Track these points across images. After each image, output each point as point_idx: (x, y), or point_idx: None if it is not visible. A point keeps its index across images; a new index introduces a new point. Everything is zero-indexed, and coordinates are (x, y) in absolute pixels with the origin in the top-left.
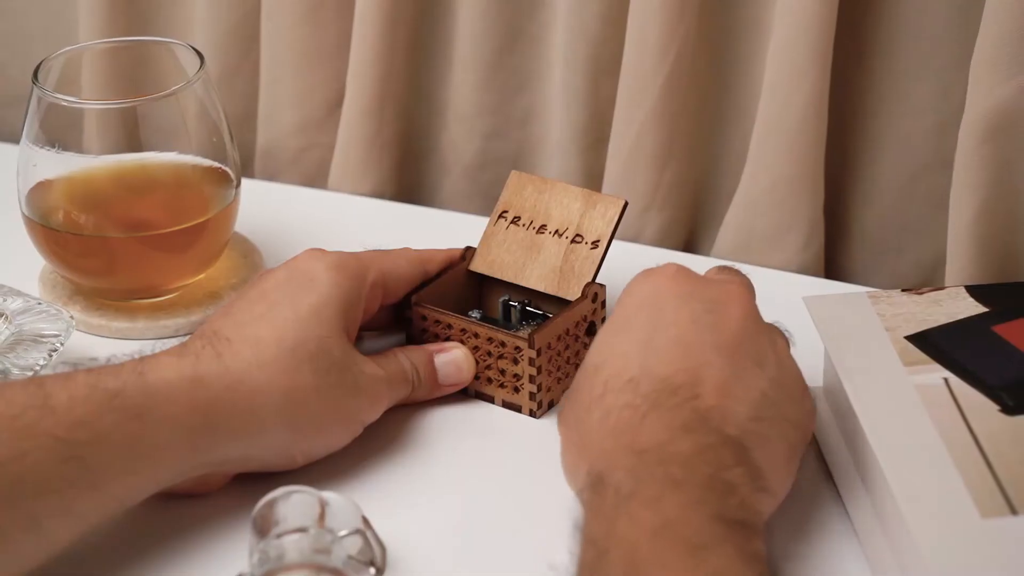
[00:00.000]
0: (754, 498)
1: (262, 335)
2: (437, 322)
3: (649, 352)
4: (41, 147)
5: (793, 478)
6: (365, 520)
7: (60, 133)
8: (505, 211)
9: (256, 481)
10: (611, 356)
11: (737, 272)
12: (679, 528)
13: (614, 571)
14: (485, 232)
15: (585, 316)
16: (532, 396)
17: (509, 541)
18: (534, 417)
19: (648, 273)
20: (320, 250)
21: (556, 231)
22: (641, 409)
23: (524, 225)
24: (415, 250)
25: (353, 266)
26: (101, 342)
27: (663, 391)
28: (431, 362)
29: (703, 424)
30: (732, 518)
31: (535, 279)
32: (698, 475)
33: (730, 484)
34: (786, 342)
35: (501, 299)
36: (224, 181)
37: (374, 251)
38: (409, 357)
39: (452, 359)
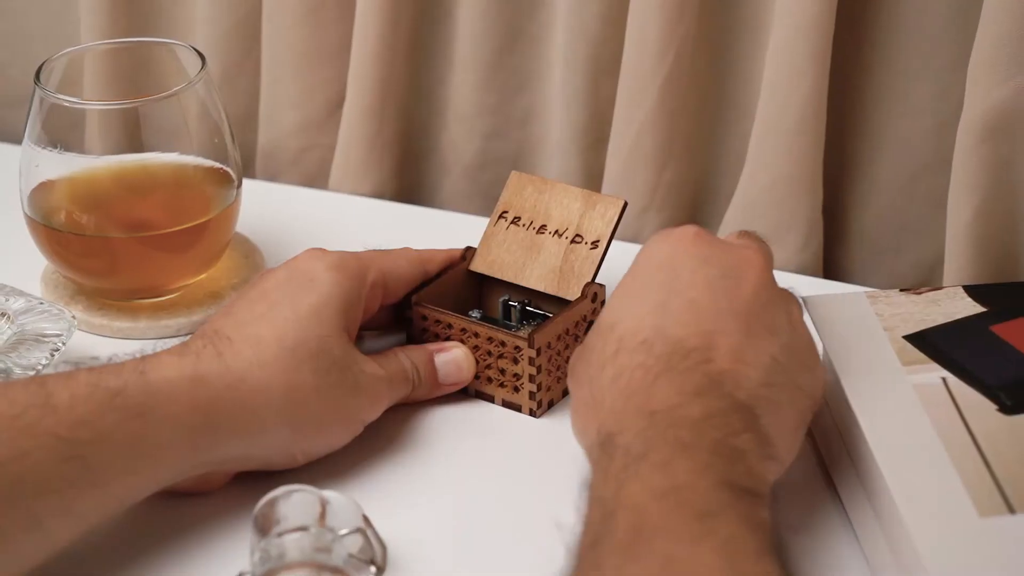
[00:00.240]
0: (761, 465)
1: (263, 334)
2: (437, 322)
3: (664, 314)
4: (43, 148)
5: (800, 445)
6: (366, 519)
7: (62, 134)
8: (505, 211)
9: (257, 480)
10: (626, 316)
11: (757, 238)
12: (686, 493)
13: (620, 534)
14: (485, 232)
15: (585, 316)
16: (532, 395)
17: (508, 539)
18: (534, 416)
19: (667, 234)
20: (320, 250)
21: (556, 231)
22: (654, 370)
23: (524, 225)
24: (415, 250)
25: (353, 266)
26: (103, 342)
27: (676, 353)
28: (431, 361)
29: (715, 388)
30: (739, 485)
31: (535, 279)
32: (706, 440)
33: (738, 450)
34: (800, 309)
35: (501, 299)
36: (225, 181)
37: (374, 251)
38: (409, 356)
39: (452, 358)
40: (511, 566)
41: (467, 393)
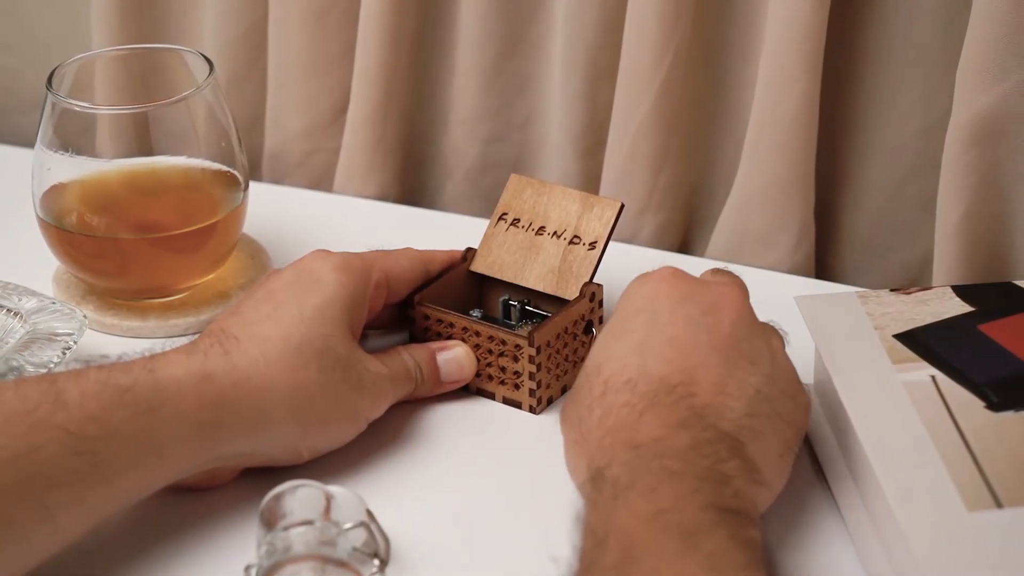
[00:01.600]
0: (750, 489)
1: (269, 333)
2: (439, 321)
3: (646, 353)
4: (55, 151)
5: (788, 472)
6: (369, 513)
7: (73, 138)
8: (505, 213)
9: (263, 475)
10: (610, 357)
11: (731, 274)
12: (673, 516)
13: (610, 557)
14: (486, 233)
15: (583, 315)
16: (532, 393)
17: (509, 533)
18: (534, 413)
19: (645, 277)
20: (325, 251)
21: (555, 232)
22: (639, 407)
23: (524, 227)
24: (417, 251)
25: (357, 266)
26: (113, 340)
27: (660, 390)
28: (433, 360)
29: (699, 420)
30: (726, 506)
31: (534, 279)
32: (694, 467)
33: (725, 475)
34: (781, 340)
35: (501, 299)
36: (233, 184)
37: (377, 252)
38: (412, 355)
39: (454, 357)
40: (511, 558)
41: (468, 390)
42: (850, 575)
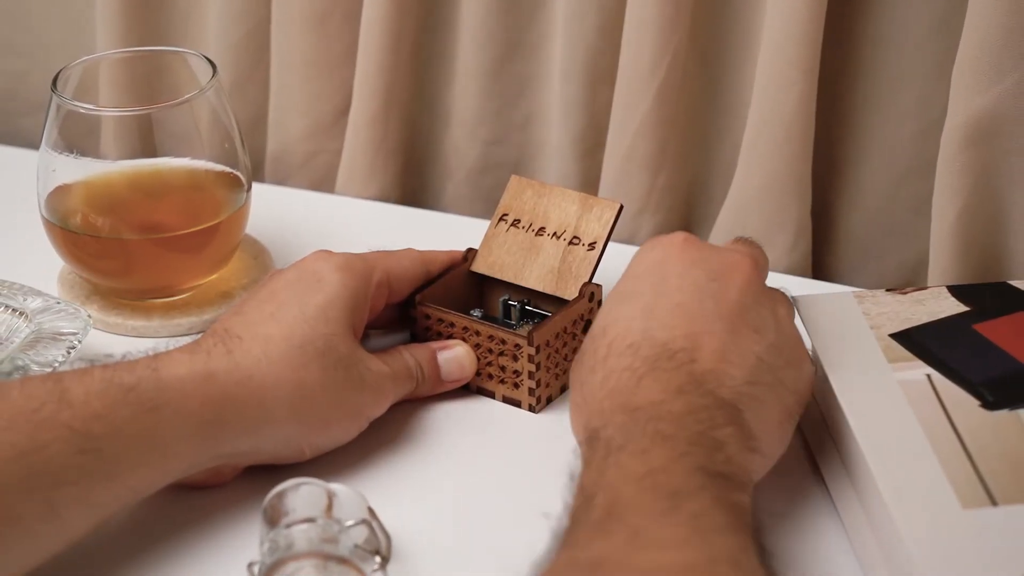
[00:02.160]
0: (743, 456)
1: (271, 333)
2: (440, 320)
3: (651, 318)
4: (60, 153)
5: (787, 441)
6: (371, 511)
7: (78, 139)
8: (505, 214)
9: (265, 473)
10: (616, 321)
11: (750, 243)
12: (660, 476)
13: (596, 513)
14: (486, 234)
15: (582, 315)
16: (531, 392)
17: (508, 529)
18: (533, 412)
19: (656, 241)
20: (327, 252)
21: (554, 233)
22: (639, 371)
23: (524, 227)
24: (418, 251)
25: (359, 267)
26: (117, 340)
27: (661, 355)
28: (434, 359)
29: (698, 387)
30: (716, 471)
31: (534, 279)
32: (687, 431)
33: (718, 441)
34: (789, 309)
35: (501, 299)
36: (236, 185)
37: (379, 252)
38: (413, 354)
39: (454, 356)
40: (511, 555)
41: (468, 389)
42: (846, 572)
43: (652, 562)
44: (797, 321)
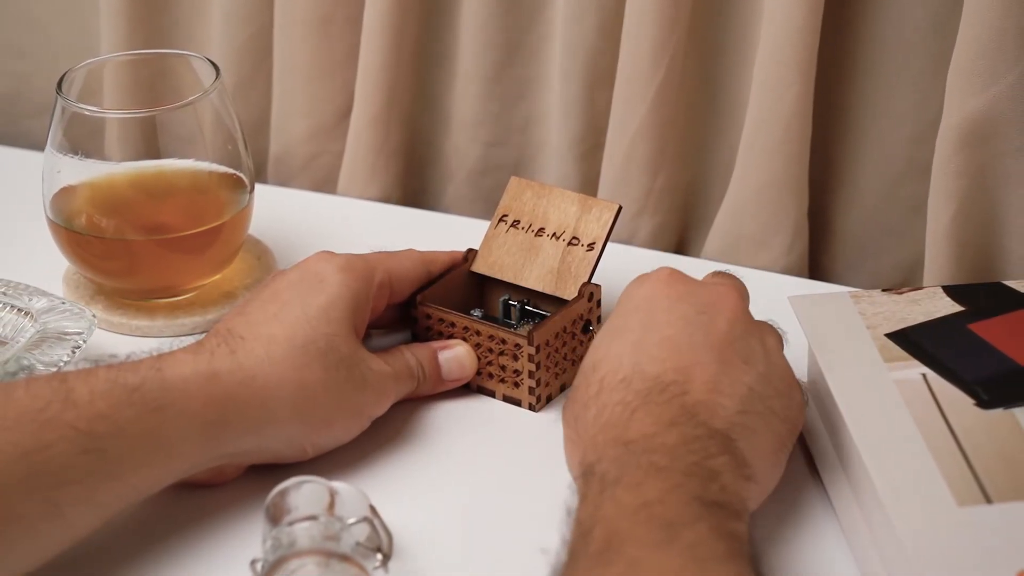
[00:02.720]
0: (738, 485)
1: (274, 333)
2: (441, 320)
3: (641, 352)
4: (65, 154)
5: (782, 469)
6: (372, 508)
7: (83, 141)
8: (505, 215)
9: (268, 472)
10: (607, 356)
11: (731, 276)
12: (657, 508)
13: (594, 546)
14: (486, 235)
15: (581, 315)
16: (531, 391)
17: (508, 527)
18: (533, 411)
19: (643, 278)
20: (329, 253)
21: (554, 234)
22: (632, 405)
23: (523, 228)
24: (419, 252)
25: (361, 267)
26: (122, 339)
27: (653, 388)
28: (435, 358)
29: (690, 418)
30: (712, 500)
31: (534, 279)
32: (681, 463)
33: (713, 471)
34: (777, 340)
35: (501, 299)
36: (239, 186)
37: (380, 253)
38: (414, 354)
39: (455, 356)
40: (511, 552)
41: (469, 389)
42: (843, 569)
43: None
44: (795, 321)
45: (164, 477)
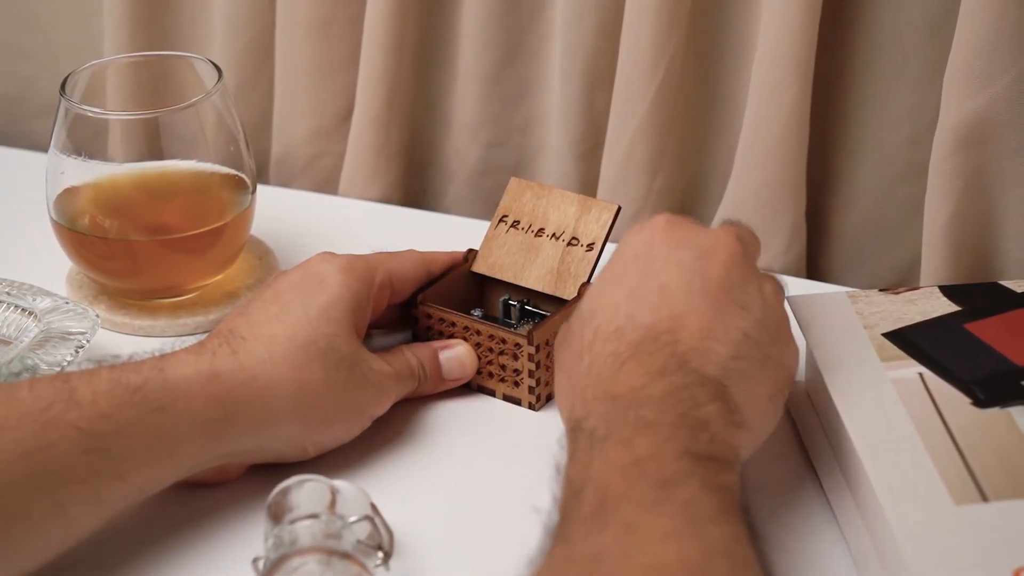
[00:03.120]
0: (728, 433)
1: (275, 333)
2: (441, 320)
3: (636, 301)
4: (68, 155)
5: (777, 417)
6: (373, 507)
7: (86, 142)
8: (505, 215)
9: (270, 471)
10: (602, 305)
11: (737, 223)
12: (647, 465)
13: (586, 507)
14: (486, 235)
15: None
16: (531, 390)
17: (508, 525)
18: (533, 410)
19: (641, 225)
20: (331, 253)
21: (553, 234)
22: (623, 356)
23: (523, 229)
24: (420, 252)
25: (361, 268)
26: (124, 339)
27: (646, 338)
28: (436, 358)
29: (680, 366)
30: (701, 453)
31: (534, 279)
32: (669, 414)
33: (702, 420)
34: (777, 288)
35: (501, 298)
36: (241, 187)
37: (381, 253)
38: (415, 354)
39: (456, 355)
40: (511, 550)
41: (469, 388)
42: (840, 567)
43: (650, 557)
44: (793, 321)
45: (167, 476)
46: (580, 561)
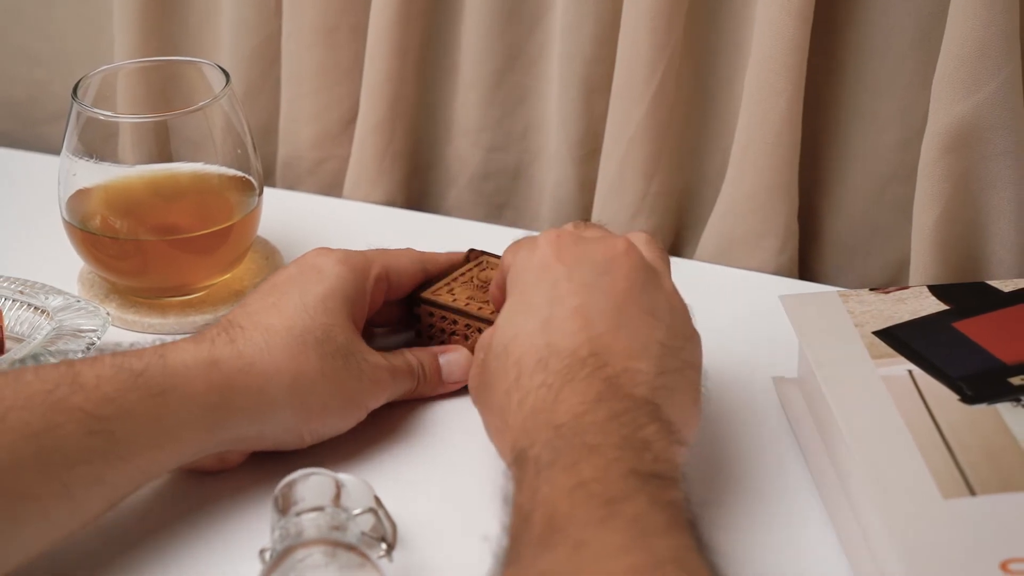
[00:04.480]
0: (670, 451)
1: (272, 322)
2: (443, 318)
3: (552, 330)
4: (80, 158)
5: (701, 415)
6: (377, 500)
7: (97, 145)
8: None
9: (276, 464)
10: (518, 336)
11: (602, 228)
12: (593, 486)
13: (535, 530)
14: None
15: None
16: None
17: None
18: None
19: (529, 246)
20: (328, 248)
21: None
22: (555, 387)
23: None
24: (417, 251)
25: (358, 260)
26: (134, 337)
27: (571, 366)
28: (436, 360)
29: (615, 391)
30: (647, 472)
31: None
32: (613, 437)
33: (645, 441)
34: (667, 270)
35: None
36: (248, 189)
37: (379, 249)
38: (416, 355)
39: (456, 359)
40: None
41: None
42: (833, 561)
43: (601, 572)
44: (786, 319)
45: (169, 460)
46: None
